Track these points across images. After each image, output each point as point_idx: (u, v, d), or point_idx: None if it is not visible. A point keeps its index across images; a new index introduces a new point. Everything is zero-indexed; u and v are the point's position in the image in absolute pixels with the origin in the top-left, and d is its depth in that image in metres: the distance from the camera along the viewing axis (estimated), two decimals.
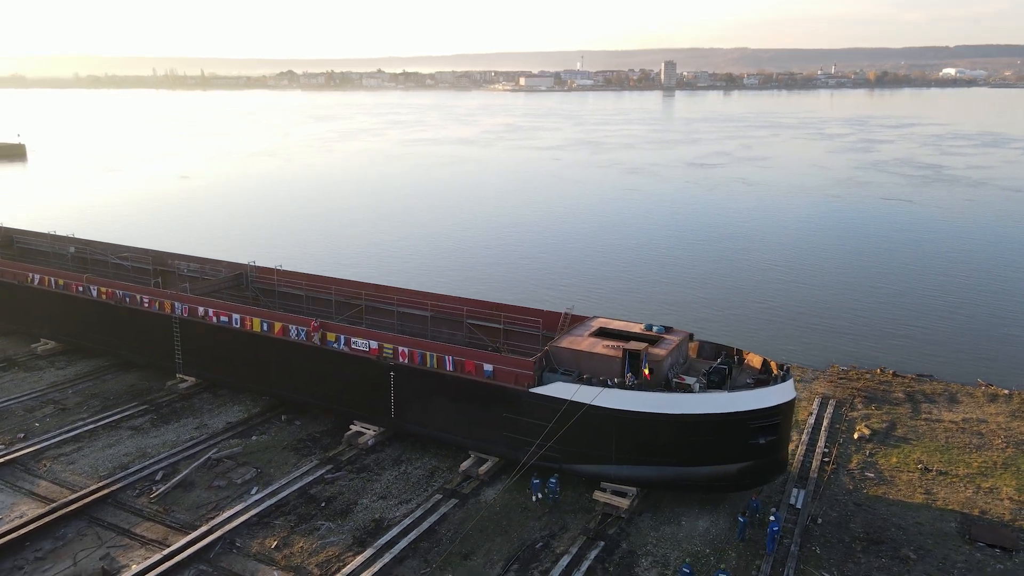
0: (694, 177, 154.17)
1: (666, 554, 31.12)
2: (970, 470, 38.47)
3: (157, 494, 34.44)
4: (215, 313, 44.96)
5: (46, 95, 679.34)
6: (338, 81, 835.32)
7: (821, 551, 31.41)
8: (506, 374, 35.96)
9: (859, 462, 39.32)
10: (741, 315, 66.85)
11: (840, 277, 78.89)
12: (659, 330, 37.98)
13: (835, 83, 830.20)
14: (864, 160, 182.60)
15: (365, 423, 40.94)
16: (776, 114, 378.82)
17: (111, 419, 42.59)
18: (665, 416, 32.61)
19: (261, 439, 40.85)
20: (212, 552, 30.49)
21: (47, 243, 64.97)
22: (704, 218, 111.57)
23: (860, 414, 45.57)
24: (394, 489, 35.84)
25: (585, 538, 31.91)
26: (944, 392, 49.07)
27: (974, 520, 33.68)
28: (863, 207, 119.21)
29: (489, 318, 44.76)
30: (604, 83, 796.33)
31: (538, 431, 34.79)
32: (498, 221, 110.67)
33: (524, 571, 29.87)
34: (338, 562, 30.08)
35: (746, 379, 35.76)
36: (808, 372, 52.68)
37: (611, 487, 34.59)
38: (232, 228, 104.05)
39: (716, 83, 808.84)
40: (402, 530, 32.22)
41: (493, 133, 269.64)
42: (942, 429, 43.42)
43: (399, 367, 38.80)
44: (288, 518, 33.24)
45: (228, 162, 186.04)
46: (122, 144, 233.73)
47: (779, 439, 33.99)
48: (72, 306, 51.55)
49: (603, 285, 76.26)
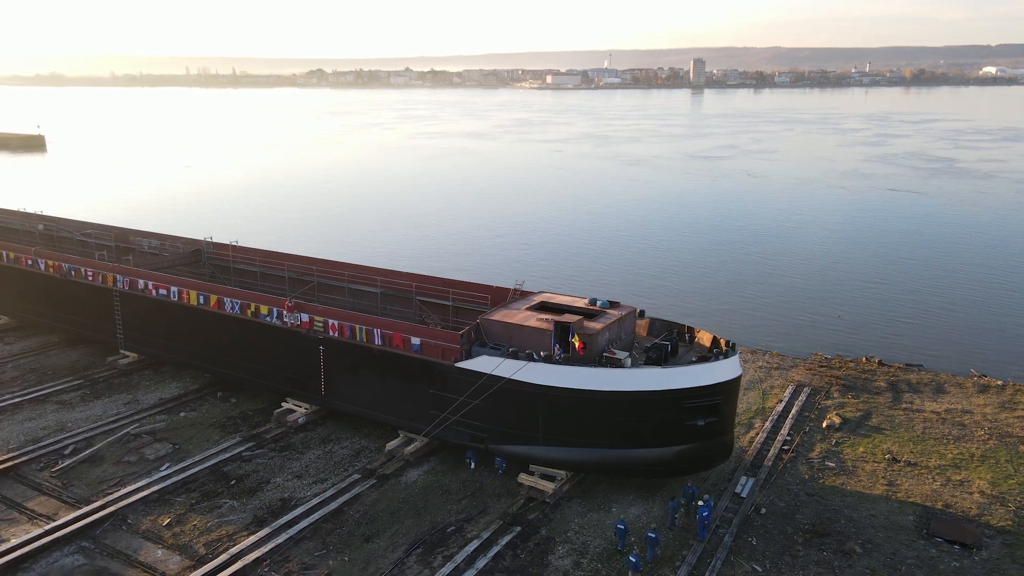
0: (695, 168, 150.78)
1: (586, 542, 28.57)
2: (943, 462, 35.25)
3: (59, 468, 32.79)
4: (154, 286, 43.35)
5: (83, 93, 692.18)
6: (366, 79, 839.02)
7: (758, 542, 28.60)
8: (433, 348, 33.69)
9: (822, 451, 36.30)
10: (726, 302, 63.71)
11: (834, 266, 75.22)
12: (603, 305, 35.37)
13: (869, 81, 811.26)
14: (873, 153, 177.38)
15: (297, 401, 38.98)
16: (797, 110, 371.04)
17: (40, 393, 41.18)
18: (593, 394, 30.01)
19: (190, 416, 39.07)
20: (99, 529, 28.67)
21: (17, 220, 64.21)
22: (697, 207, 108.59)
23: (835, 403, 42.44)
24: (312, 469, 33.77)
25: (501, 523, 29.50)
26: (931, 382, 45.65)
27: (935, 514, 30.56)
28: (864, 198, 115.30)
29: (438, 294, 42.56)
30: (632, 81, 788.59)
31: (462, 408, 32.47)
32: (483, 207, 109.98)
33: (427, 556, 27.57)
34: (229, 541, 28.06)
35: (692, 357, 33.04)
36: (787, 359, 49.58)
37: (540, 470, 32.14)
38: (217, 210, 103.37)
39: (746, 81, 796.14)
40: (307, 510, 30.12)
41: (503, 127, 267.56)
42: (921, 419, 40.15)
43: (328, 341, 36.75)
44: (191, 495, 31.33)
45: (232, 154, 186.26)
46: (138, 138, 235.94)
47: (721, 421, 31.17)
48: (22, 280, 50.43)
49: (585, 269, 73.67)
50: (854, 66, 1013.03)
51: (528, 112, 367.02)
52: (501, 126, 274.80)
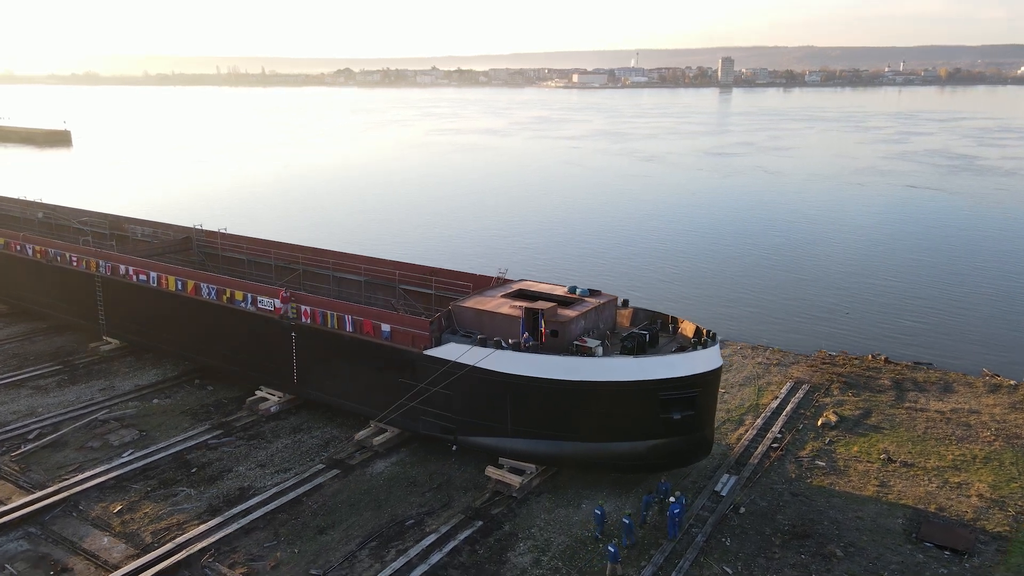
0: (708, 165, 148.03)
1: (550, 539, 27.13)
2: (942, 463, 33.20)
3: (19, 452, 32.15)
4: (134, 272, 42.74)
5: (117, 92, 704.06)
6: (393, 78, 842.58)
7: (732, 543, 26.93)
8: (403, 335, 32.50)
9: (813, 450, 34.43)
10: (729, 297, 61.67)
11: (844, 261, 72.63)
12: (583, 293, 33.89)
13: (903, 80, 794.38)
14: (893, 150, 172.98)
15: (271, 389, 38.03)
16: (822, 109, 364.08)
17: (18, 378, 40.77)
18: (561, 383, 28.54)
19: (163, 403, 38.32)
20: (49, 515, 27.90)
21: (18, 208, 64.37)
22: (706, 202, 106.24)
23: (833, 400, 40.44)
24: (277, 458, 32.75)
25: (463, 517, 28.19)
26: (939, 381, 43.39)
27: (927, 517, 28.62)
28: (880, 193, 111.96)
29: (421, 282, 41.43)
30: (659, 80, 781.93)
31: (433, 398, 31.23)
32: (488, 200, 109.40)
33: (381, 549, 26.36)
34: (177, 530, 27.09)
35: (672, 347, 31.43)
36: (789, 356, 47.55)
37: (509, 463, 30.76)
38: (221, 202, 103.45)
39: (776, 80, 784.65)
40: (263, 500, 29.08)
41: (521, 124, 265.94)
42: (924, 419, 38.03)
43: (300, 327, 35.74)
44: (149, 482, 30.47)
45: (247, 150, 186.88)
46: (160, 134, 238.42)
47: (699, 415, 29.51)
48: (12, 266, 50.26)
49: (585, 261, 72.13)
50: (887, 65, 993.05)
51: (548, 110, 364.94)
52: (519, 123, 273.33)
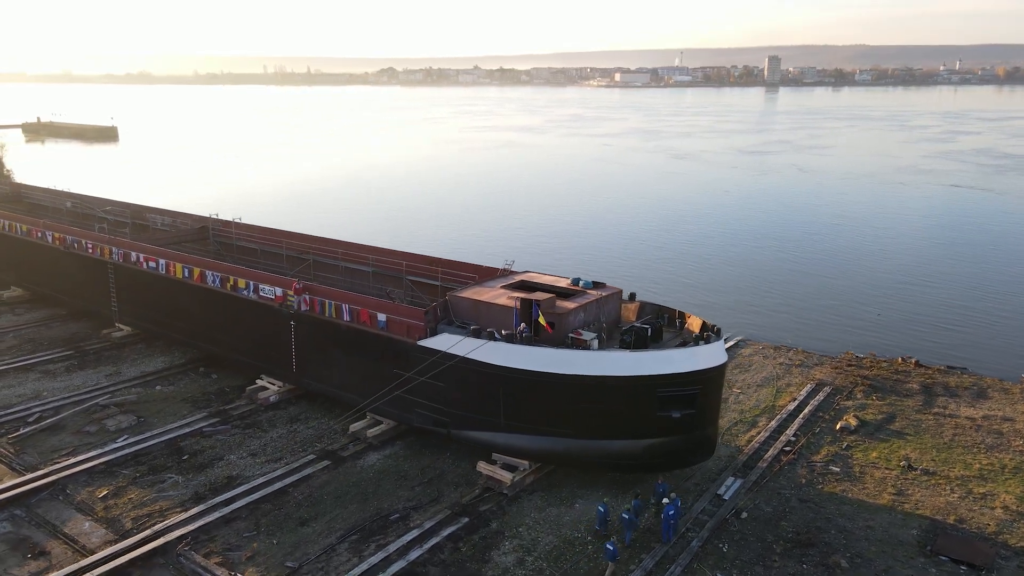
0: (741, 163, 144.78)
1: (537, 538, 26.00)
2: (967, 472, 31.11)
3: (16, 435, 32.23)
4: (144, 259, 42.83)
5: (168, 91, 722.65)
6: (435, 77, 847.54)
7: (729, 549, 25.45)
8: (398, 325, 31.68)
9: (828, 454, 32.62)
10: (754, 297, 59.55)
11: (878, 262, 69.71)
12: (586, 285, 32.66)
13: (959, 79, 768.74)
14: (937, 149, 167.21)
15: (272, 378, 37.63)
16: (868, 107, 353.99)
17: (28, 362, 41.13)
18: (554, 377, 27.37)
19: (166, 390, 38.20)
20: (36, 497, 27.79)
21: (49, 198, 65.55)
22: (736, 200, 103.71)
23: (856, 403, 38.43)
24: (270, 448, 32.24)
25: (450, 513, 27.24)
26: (972, 386, 40.96)
27: (945, 529, 26.71)
28: (920, 193, 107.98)
29: (428, 273, 40.61)
30: (703, 79, 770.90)
31: (426, 390, 30.35)
32: (512, 195, 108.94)
33: (361, 543, 25.55)
34: (159, 517, 26.69)
35: (676, 343, 29.99)
36: (813, 357, 45.48)
37: (503, 459, 29.71)
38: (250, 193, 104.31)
39: (824, 79, 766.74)
40: (249, 489, 28.54)
41: (555, 122, 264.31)
42: (952, 425, 35.84)
43: (299, 316, 35.22)
44: (139, 468, 30.21)
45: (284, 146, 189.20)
46: (204, 131, 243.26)
47: (700, 413, 28.03)
48: (33, 253, 50.99)
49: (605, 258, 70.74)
50: (943, 64, 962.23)
51: (584, 108, 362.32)
52: (553, 121, 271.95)
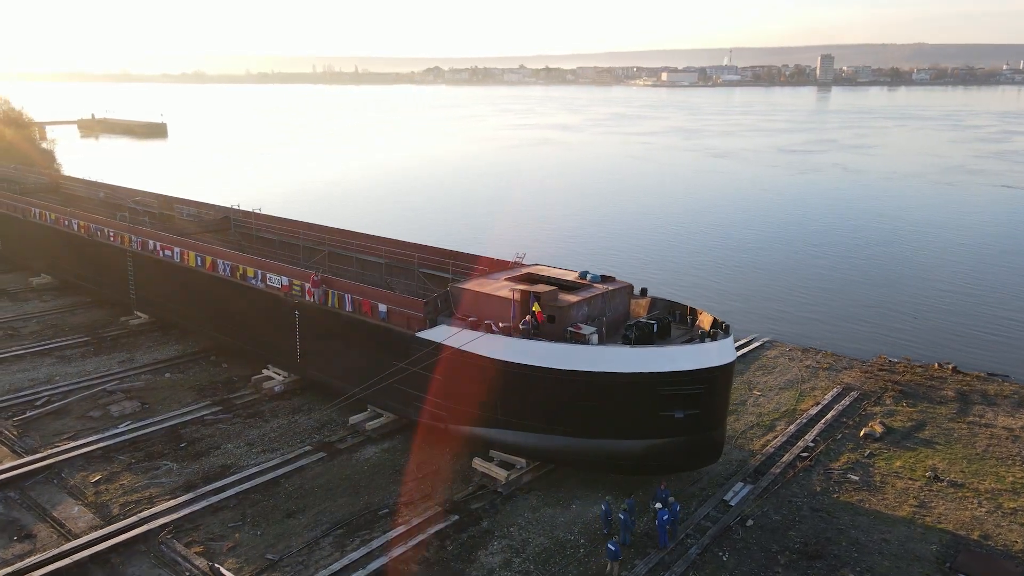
0: (783, 162, 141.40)
1: (527, 539, 24.95)
2: (999, 485, 29.00)
3: (22, 417, 32.47)
4: (160, 247, 43.06)
5: (221, 89, 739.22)
6: (480, 76, 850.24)
7: (730, 558, 24.01)
8: (398, 316, 31.00)
9: (848, 462, 30.80)
10: (786, 297, 57.44)
11: (919, 264, 66.86)
12: (594, 278, 31.46)
13: (1022, 79, 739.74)
14: (989, 149, 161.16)
15: (277, 368, 37.32)
16: (922, 107, 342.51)
17: (46, 347, 41.65)
18: (551, 372, 26.28)
19: (174, 377, 38.23)
20: (31, 480, 27.83)
21: (84, 189, 66.90)
22: (775, 199, 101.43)
23: (884, 410, 36.38)
24: (268, 438, 31.84)
25: (440, 510, 26.38)
26: (1013, 395, 38.47)
27: (968, 545, 24.81)
28: (967, 194, 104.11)
29: (439, 266, 39.92)
30: (752, 79, 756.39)
31: (424, 382, 29.56)
32: (537, 189, 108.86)
33: (346, 537, 24.86)
34: (146, 504, 26.44)
35: (684, 339, 28.60)
36: (842, 360, 43.37)
37: (500, 456, 28.74)
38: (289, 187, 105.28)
39: (879, 78, 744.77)
40: (240, 479, 28.13)
41: (595, 120, 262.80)
42: (986, 435, 33.61)
43: (303, 306, 34.81)
44: (135, 454, 30.10)
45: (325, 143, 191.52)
46: (250, 128, 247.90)
47: (705, 414, 26.62)
48: (60, 241, 51.86)
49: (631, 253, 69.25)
50: (1006, 63, 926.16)
51: (627, 107, 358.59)
52: (593, 119, 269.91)
